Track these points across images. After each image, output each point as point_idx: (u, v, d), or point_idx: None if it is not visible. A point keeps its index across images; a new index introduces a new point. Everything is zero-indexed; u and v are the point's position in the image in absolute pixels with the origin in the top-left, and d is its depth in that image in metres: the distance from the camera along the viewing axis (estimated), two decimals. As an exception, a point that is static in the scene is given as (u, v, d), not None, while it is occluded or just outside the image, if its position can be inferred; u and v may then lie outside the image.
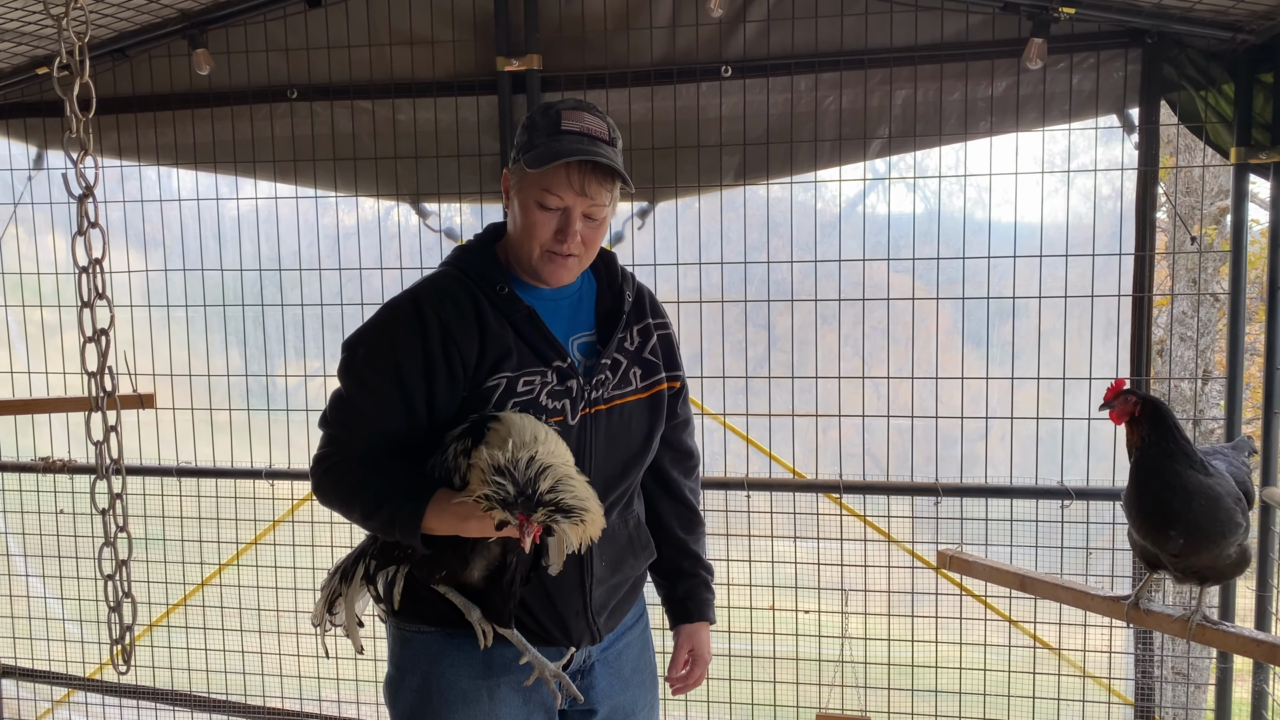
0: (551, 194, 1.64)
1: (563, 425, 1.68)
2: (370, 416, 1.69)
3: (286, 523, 3.57)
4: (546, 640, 1.77)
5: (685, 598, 2.00)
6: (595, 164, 1.63)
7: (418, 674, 1.78)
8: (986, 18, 2.97)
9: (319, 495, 1.73)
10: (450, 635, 1.76)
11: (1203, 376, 5.88)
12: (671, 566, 2.01)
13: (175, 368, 3.56)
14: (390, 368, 1.67)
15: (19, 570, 3.87)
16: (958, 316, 3.14)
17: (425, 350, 1.65)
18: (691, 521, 2.02)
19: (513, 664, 1.75)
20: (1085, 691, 3.20)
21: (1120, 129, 2.99)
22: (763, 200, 3.19)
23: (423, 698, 1.77)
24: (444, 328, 1.66)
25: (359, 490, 1.66)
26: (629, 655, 1.93)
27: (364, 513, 1.67)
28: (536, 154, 1.63)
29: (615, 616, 1.87)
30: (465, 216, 3.41)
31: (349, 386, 1.71)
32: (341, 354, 1.74)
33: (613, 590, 1.84)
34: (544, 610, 1.75)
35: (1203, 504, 1.90)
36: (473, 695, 1.75)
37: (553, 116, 1.66)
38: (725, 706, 3.39)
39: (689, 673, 2.02)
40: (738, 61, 3.10)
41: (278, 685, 3.65)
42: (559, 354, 1.72)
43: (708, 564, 2.04)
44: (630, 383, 1.80)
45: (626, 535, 1.85)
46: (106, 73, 3.37)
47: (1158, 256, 3.01)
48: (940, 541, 3.12)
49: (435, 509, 1.60)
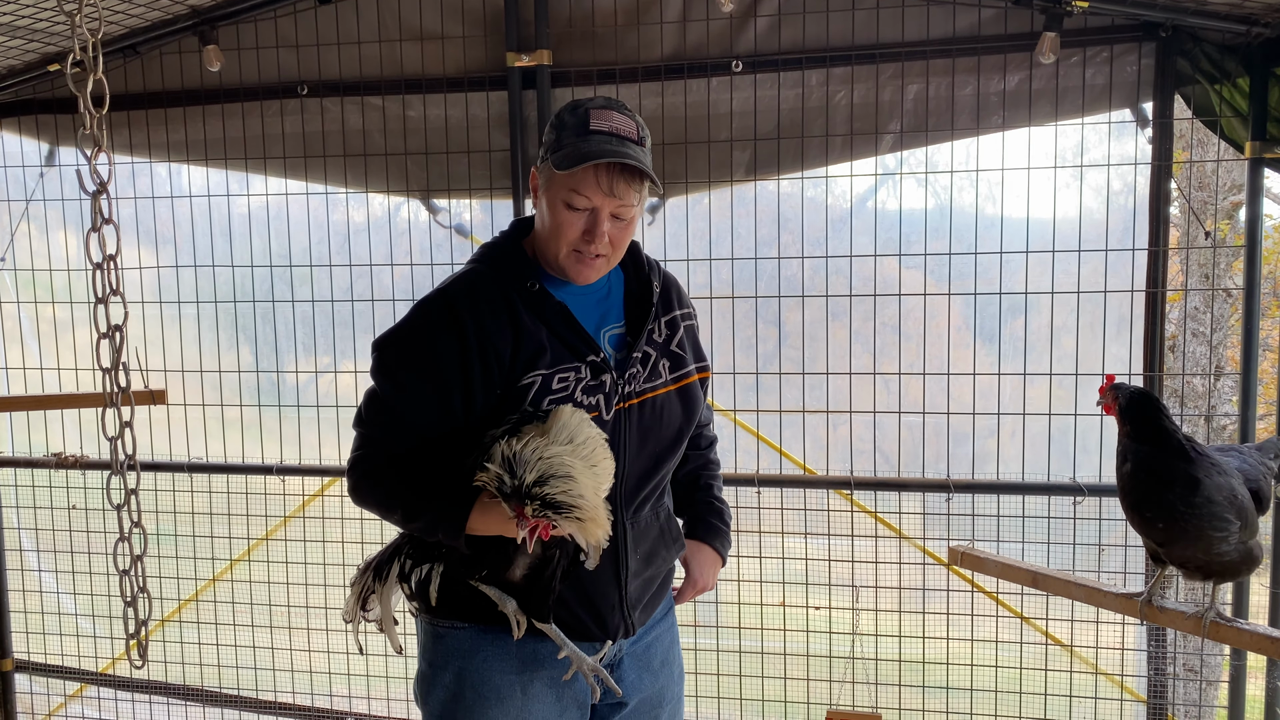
0: (580, 194, 1.63)
1: (598, 422, 1.67)
2: (406, 417, 1.68)
3: (298, 518, 3.58)
4: (582, 635, 1.76)
5: (692, 519, 2.02)
6: (624, 165, 1.62)
7: (451, 670, 1.77)
8: (999, 12, 2.95)
9: (355, 497, 1.73)
10: (484, 630, 1.76)
11: (1216, 372, 5.85)
12: (685, 499, 2.03)
13: (186, 364, 3.57)
14: (425, 368, 1.65)
15: (32, 566, 3.89)
16: (969, 312, 3.13)
17: (461, 349, 1.64)
18: (705, 460, 2.05)
19: (546, 659, 1.75)
20: (1098, 688, 3.19)
21: (1133, 123, 2.97)
22: (773, 196, 3.18)
23: (456, 694, 1.77)
24: (478, 326, 1.65)
25: (399, 493, 1.66)
26: (658, 648, 1.93)
27: (406, 515, 1.66)
28: (565, 154, 1.61)
29: (649, 610, 1.87)
30: (475, 213, 3.41)
31: (383, 387, 1.70)
32: (372, 354, 1.72)
33: (647, 583, 1.84)
34: (581, 605, 1.75)
35: (1183, 492, 1.90)
36: (506, 690, 1.75)
37: (581, 115, 1.65)
38: (736, 703, 3.38)
39: (679, 591, 2.02)
40: (749, 56, 3.09)
41: (289, 680, 3.67)
42: (592, 348, 1.71)
43: (720, 497, 2.05)
44: (660, 375, 1.80)
45: (658, 528, 1.85)
46: (117, 69, 3.38)
47: (1171, 252, 3.00)
48: (952, 538, 3.10)
49: (480, 510, 1.60)
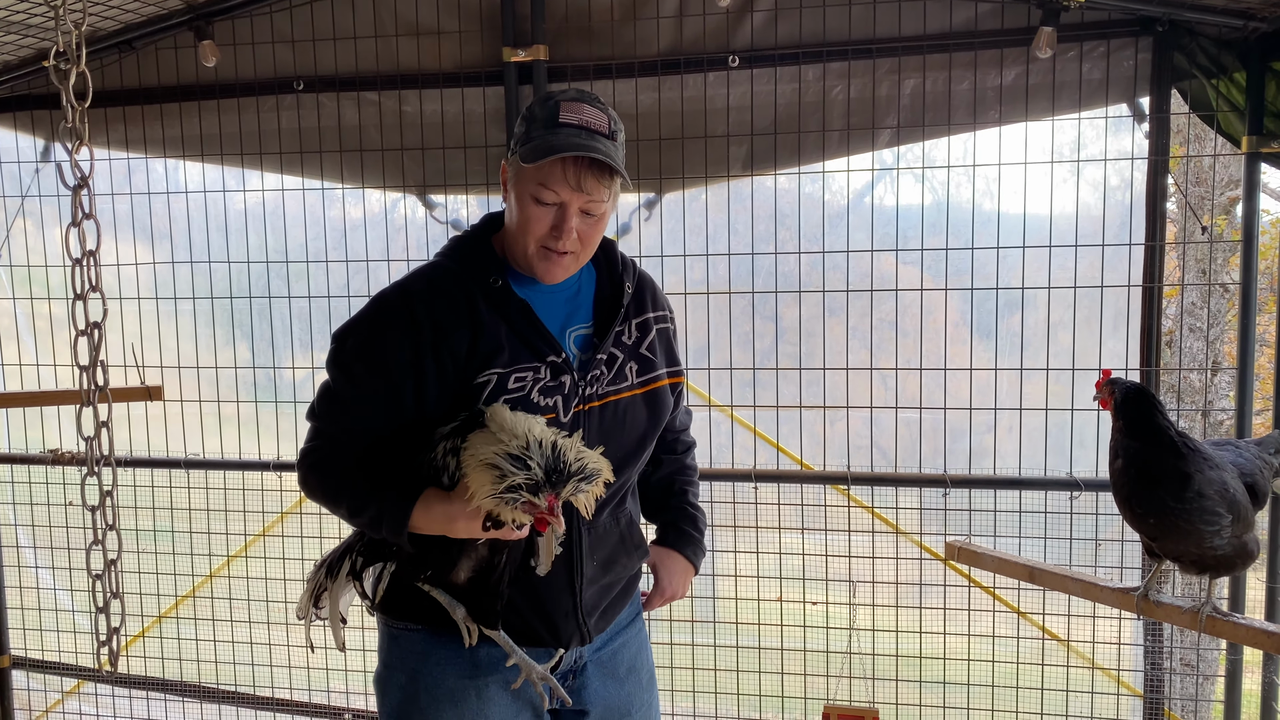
0: (547, 189, 1.60)
1: (555, 423, 1.64)
2: (357, 411, 1.66)
3: (294, 515, 3.58)
4: (534, 641, 1.74)
5: (664, 525, 2.00)
6: (592, 160, 1.58)
7: (405, 671, 1.76)
8: (995, 6, 2.95)
9: (304, 489, 1.72)
10: (437, 633, 1.73)
11: (1212, 368, 5.85)
12: (659, 504, 2.00)
13: (183, 360, 3.56)
14: (378, 363, 1.63)
15: (29, 562, 3.89)
16: (966, 308, 3.13)
17: (414, 345, 1.62)
18: (681, 465, 2.02)
19: (501, 663, 1.73)
20: (1094, 683, 3.20)
21: (1130, 118, 2.97)
22: (770, 191, 3.18)
23: (410, 695, 1.75)
24: (435, 322, 1.63)
25: (345, 486, 1.65)
26: (624, 655, 1.89)
27: (350, 509, 1.65)
28: (532, 148, 1.58)
29: (607, 617, 1.83)
30: (472, 208, 3.40)
31: (336, 380, 1.68)
32: (331, 344, 1.71)
33: (604, 590, 1.80)
34: (532, 611, 1.72)
35: (1173, 487, 1.91)
36: (460, 694, 1.73)
37: (551, 108, 1.61)
38: (733, 698, 3.39)
39: (647, 599, 1.99)
40: (745, 51, 3.08)
41: (286, 677, 3.66)
42: (553, 348, 1.68)
43: (695, 504, 2.02)
44: (626, 378, 1.76)
45: (618, 534, 1.81)
46: (113, 65, 3.37)
47: (1167, 247, 3.00)
48: (948, 533, 3.10)
49: (423, 508, 1.58)
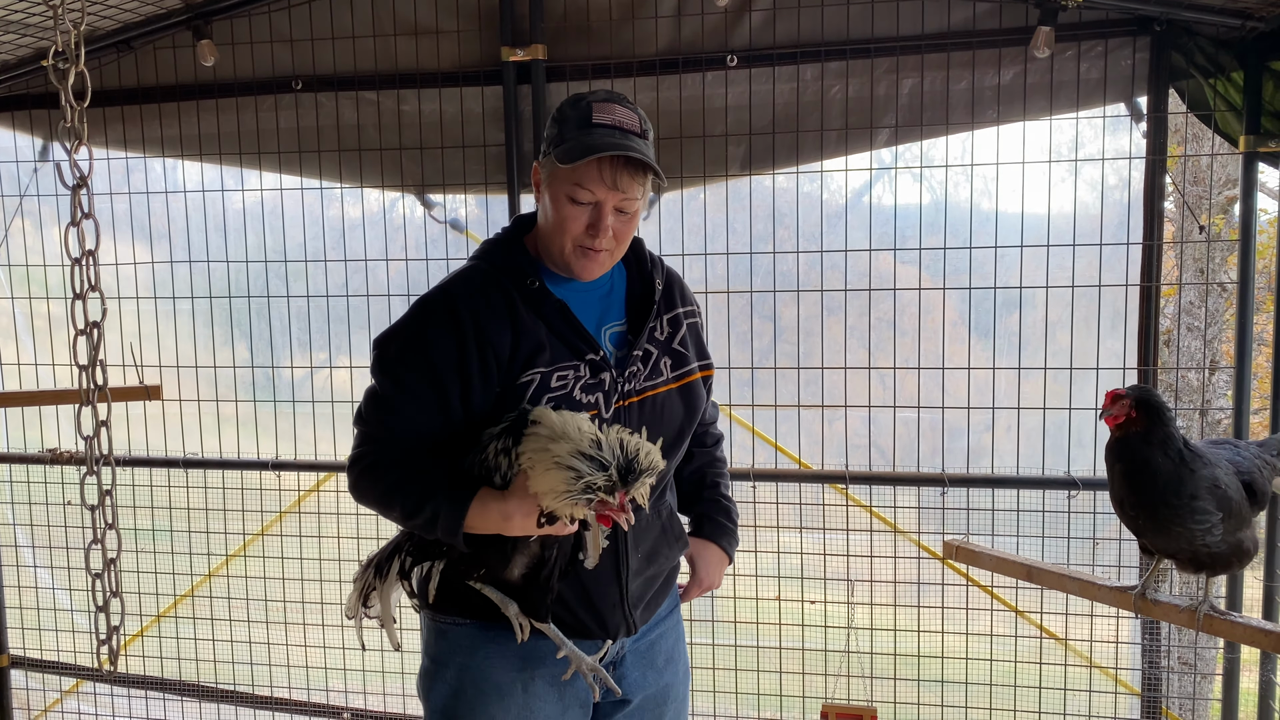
0: (583, 189, 1.63)
1: (597, 420, 1.67)
2: (405, 415, 1.68)
3: (294, 514, 3.58)
4: (583, 634, 1.77)
5: (699, 517, 2.04)
6: (628, 158, 1.62)
7: (453, 666, 1.78)
8: (994, 6, 2.95)
9: (355, 494, 1.73)
10: (486, 628, 1.76)
11: (1210, 367, 5.86)
12: (692, 497, 2.04)
13: (182, 359, 3.56)
14: (424, 365, 1.66)
15: (28, 561, 3.89)
16: (964, 307, 3.13)
17: (459, 347, 1.65)
18: (712, 458, 2.06)
19: (548, 657, 1.76)
20: (1092, 682, 3.20)
21: (1128, 118, 2.97)
22: (768, 191, 3.18)
23: (457, 690, 1.77)
24: (477, 324, 1.66)
25: (398, 490, 1.66)
26: (662, 646, 1.93)
27: (404, 512, 1.66)
28: (568, 148, 1.61)
29: (651, 608, 1.87)
30: (470, 208, 3.41)
31: (383, 385, 1.70)
32: (373, 351, 1.73)
33: (648, 582, 1.84)
34: (581, 604, 1.76)
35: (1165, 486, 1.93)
36: (508, 688, 1.76)
37: (584, 109, 1.65)
38: (732, 696, 3.39)
39: (684, 590, 2.03)
40: (743, 51, 3.09)
41: (286, 676, 3.67)
42: (591, 347, 1.71)
43: (727, 495, 2.06)
44: (661, 373, 1.80)
45: (660, 526, 1.85)
46: (112, 64, 3.37)
47: (1165, 246, 3.00)
48: (946, 532, 3.11)
49: (479, 508, 1.60)
